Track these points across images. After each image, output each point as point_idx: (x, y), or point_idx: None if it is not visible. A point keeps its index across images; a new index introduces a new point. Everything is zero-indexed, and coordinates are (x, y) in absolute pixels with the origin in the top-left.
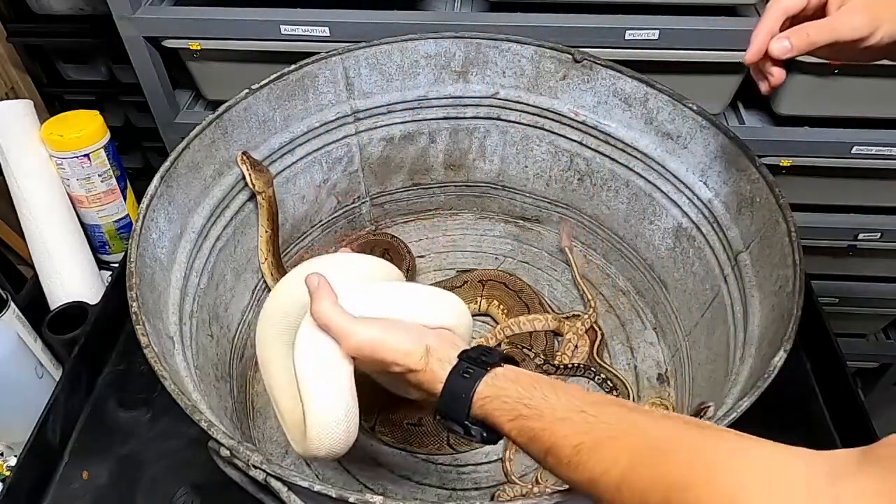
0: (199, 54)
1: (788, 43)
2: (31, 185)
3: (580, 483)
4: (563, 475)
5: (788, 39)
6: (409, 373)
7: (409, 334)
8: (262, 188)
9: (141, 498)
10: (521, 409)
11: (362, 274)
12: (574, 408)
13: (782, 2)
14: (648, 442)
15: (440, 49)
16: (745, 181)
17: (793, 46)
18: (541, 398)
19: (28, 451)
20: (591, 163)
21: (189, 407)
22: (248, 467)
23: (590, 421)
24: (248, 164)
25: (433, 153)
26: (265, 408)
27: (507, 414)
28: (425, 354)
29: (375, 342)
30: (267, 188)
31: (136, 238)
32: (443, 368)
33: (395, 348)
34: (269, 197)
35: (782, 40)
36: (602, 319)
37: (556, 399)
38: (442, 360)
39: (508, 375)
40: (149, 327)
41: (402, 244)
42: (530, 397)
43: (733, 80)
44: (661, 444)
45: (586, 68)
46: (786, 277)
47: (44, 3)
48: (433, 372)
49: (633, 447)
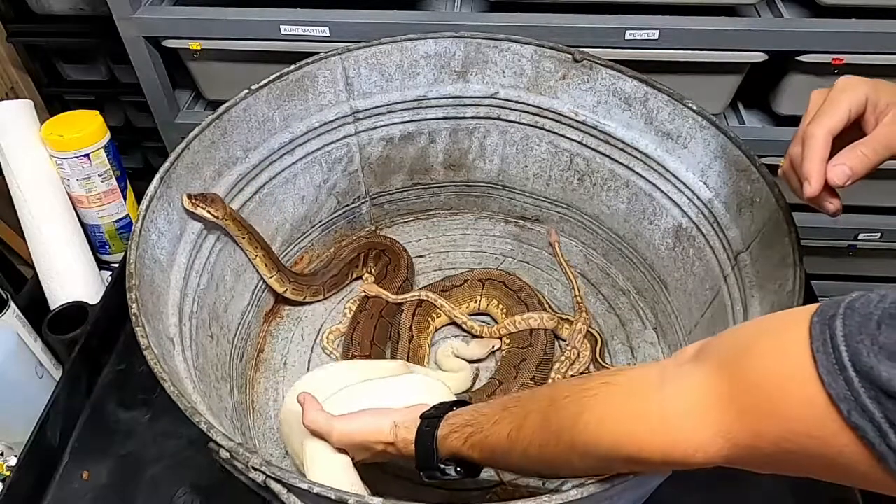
0: (199, 54)
1: (847, 168)
2: (31, 185)
3: (521, 462)
4: (515, 466)
5: (846, 164)
6: (388, 446)
7: (375, 417)
8: (222, 213)
9: (141, 498)
10: (468, 430)
11: (348, 380)
12: (502, 408)
13: (825, 123)
14: (550, 402)
15: (440, 49)
16: (745, 181)
17: (853, 170)
18: (479, 416)
19: (28, 451)
20: (591, 162)
21: (189, 409)
22: (248, 469)
23: (514, 412)
24: (198, 202)
25: (433, 153)
26: (265, 408)
27: (461, 440)
28: (393, 427)
29: (350, 430)
30: (225, 210)
31: (136, 239)
32: (411, 433)
33: (365, 430)
34: (231, 215)
35: (840, 166)
36: (602, 319)
37: (489, 409)
38: (409, 427)
39: (458, 413)
40: (148, 329)
41: (395, 244)
42: (472, 419)
43: (733, 80)
44: (556, 398)
45: (586, 68)
46: (786, 277)
47: (44, 3)
48: (404, 439)
49: (540, 411)
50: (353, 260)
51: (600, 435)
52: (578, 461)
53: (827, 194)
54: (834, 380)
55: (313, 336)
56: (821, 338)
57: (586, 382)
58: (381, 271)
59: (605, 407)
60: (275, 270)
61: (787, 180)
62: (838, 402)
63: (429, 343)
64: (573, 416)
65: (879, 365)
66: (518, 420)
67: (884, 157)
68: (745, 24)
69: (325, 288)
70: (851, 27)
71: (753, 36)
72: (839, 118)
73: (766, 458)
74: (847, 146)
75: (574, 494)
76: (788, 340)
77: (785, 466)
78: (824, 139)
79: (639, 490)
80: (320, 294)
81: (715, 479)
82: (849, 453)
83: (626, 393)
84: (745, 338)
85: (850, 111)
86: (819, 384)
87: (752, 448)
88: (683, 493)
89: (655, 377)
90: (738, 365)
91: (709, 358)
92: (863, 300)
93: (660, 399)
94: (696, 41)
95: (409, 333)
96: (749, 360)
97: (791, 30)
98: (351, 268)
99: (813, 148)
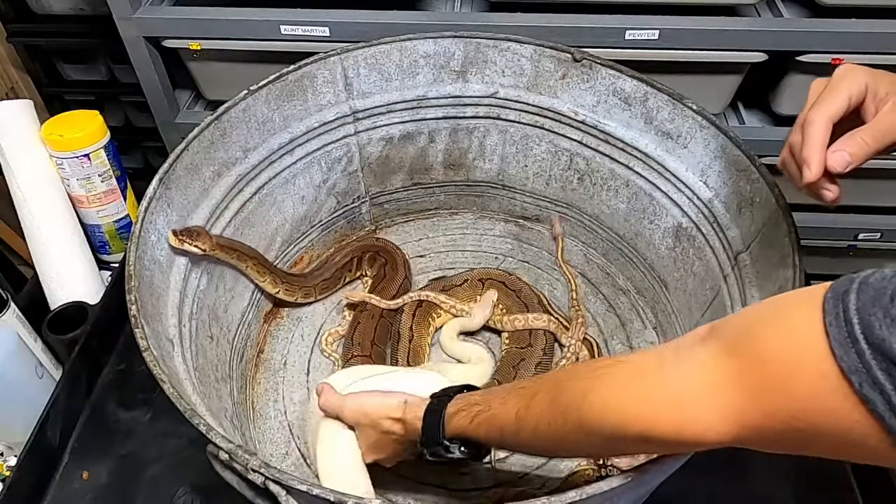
0: (199, 54)
1: (847, 154)
2: (31, 185)
3: (530, 441)
4: (523, 444)
5: (845, 150)
6: (395, 422)
7: (385, 395)
8: (209, 245)
9: (141, 498)
10: (475, 409)
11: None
12: (510, 388)
13: (826, 110)
14: (557, 383)
15: (439, 48)
16: (745, 181)
17: (852, 157)
18: (488, 395)
19: (28, 451)
20: (591, 162)
21: (188, 411)
22: (247, 471)
23: (521, 392)
24: (184, 238)
25: (433, 153)
26: (265, 409)
27: (468, 418)
28: (402, 404)
29: (360, 403)
30: (211, 241)
31: (135, 241)
32: (420, 409)
33: (375, 403)
34: (217, 245)
35: (839, 152)
36: (602, 319)
37: (498, 390)
38: (419, 406)
39: (467, 395)
40: (148, 330)
41: (390, 245)
42: (480, 399)
43: (733, 80)
44: (565, 379)
45: (586, 67)
46: (786, 278)
47: (44, 3)
48: (413, 416)
49: (548, 391)
50: (347, 264)
51: (606, 413)
52: (585, 439)
53: (825, 181)
54: (846, 352)
55: (313, 336)
56: (833, 312)
57: (595, 363)
58: (377, 273)
59: (612, 386)
60: (267, 274)
61: (785, 169)
62: (849, 374)
63: (429, 343)
64: (581, 394)
65: (891, 337)
66: (526, 399)
67: (883, 145)
68: (745, 24)
69: (316, 290)
70: (851, 27)
71: (753, 36)
72: (839, 105)
73: (777, 437)
74: (846, 134)
75: (573, 496)
76: (801, 318)
77: (796, 445)
78: (825, 125)
79: (638, 490)
80: (311, 296)
81: (715, 478)
82: (859, 429)
83: (637, 372)
84: (757, 317)
85: (850, 98)
86: (831, 358)
87: (763, 428)
88: (683, 494)
89: (668, 357)
90: (750, 344)
91: (720, 338)
92: (877, 275)
93: (674, 377)
94: (696, 41)
95: (409, 333)
96: (761, 339)
97: (791, 30)
98: (344, 272)
99: (813, 134)
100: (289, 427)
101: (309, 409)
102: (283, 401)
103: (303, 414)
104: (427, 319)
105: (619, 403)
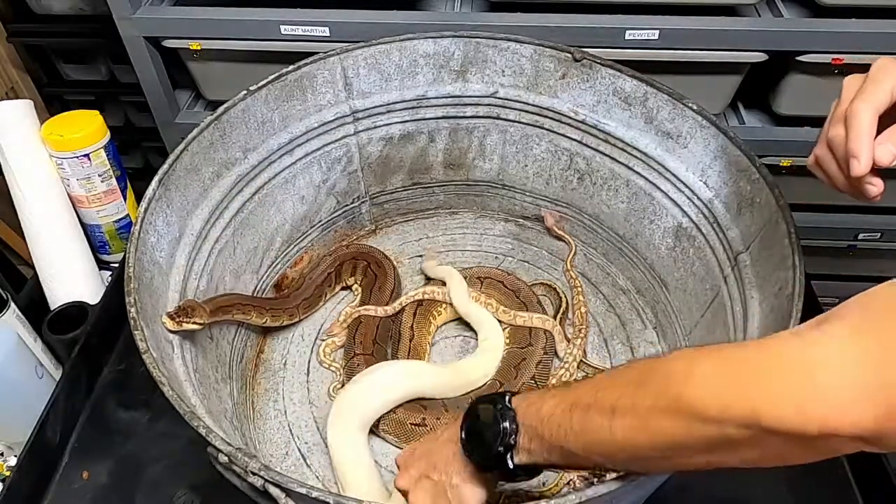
0: (199, 54)
1: (894, 147)
2: (31, 185)
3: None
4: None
5: (891, 143)
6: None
7: None
8: (206, 317)
9: (141, 498)
10: (555, 390)
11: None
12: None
13: (872, 101)
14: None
15: (439, 48)
16: (745, 181)
17: None
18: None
19: (28, 451)
20: (591, 162)
21: (188, 413)
22: (247, 473)
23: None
24: (180, 319)
25: (433, 152)
26: (265, 409)
27: (547, 394)
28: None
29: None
30: (206, 311)
31: (135, 242)
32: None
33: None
34: (212, 313)
35: (886, 145)
36: (602, 319)
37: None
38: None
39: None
40: (147, 332)
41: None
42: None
43: (733, 80)
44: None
45: (586, 67)
46: (786, 279)
47: (44, 3)
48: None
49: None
50: (326, 280)
51: (722, 390)
52: (670, 420)
53: (870, 175)
54: None
55: (313, 336)
56: None
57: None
58: (365, 277)
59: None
60: (251, 310)
61: (819, 168)
62: None
63: (429, 342)
64: (683, 370)
65: None
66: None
67: None
68: (745, 24)
69: (299, 310)
70: (851, 27)
71: (753, 36)
72: (883, 97)
73: None
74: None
75: (572, 498)
76: None
77: None
78: (871, 116)
79: (638, 491)
80: (296, 316)
81: (714, 478)
82: None
83: (760, 349)
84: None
85: (892, 92)
86: None
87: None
88: (683, 494)
89: (788, 337)
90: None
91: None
92: None
93: (812, 361)
94: (696, 41)
95: (409, 332)
96: None
97: (791, 30)
98: (324, 287)
99: (859, 126)
100: (289, 427)
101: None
102: (283, 401)
103: (302, 414)
104: (427, 318)
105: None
